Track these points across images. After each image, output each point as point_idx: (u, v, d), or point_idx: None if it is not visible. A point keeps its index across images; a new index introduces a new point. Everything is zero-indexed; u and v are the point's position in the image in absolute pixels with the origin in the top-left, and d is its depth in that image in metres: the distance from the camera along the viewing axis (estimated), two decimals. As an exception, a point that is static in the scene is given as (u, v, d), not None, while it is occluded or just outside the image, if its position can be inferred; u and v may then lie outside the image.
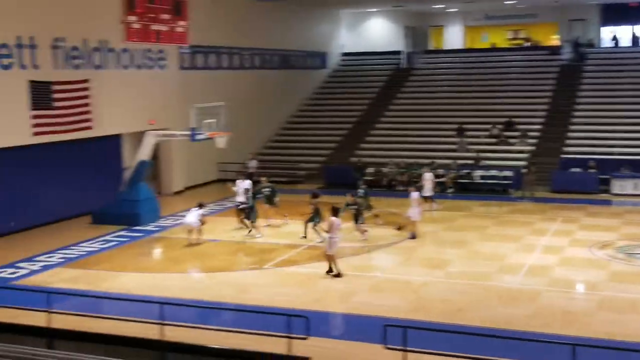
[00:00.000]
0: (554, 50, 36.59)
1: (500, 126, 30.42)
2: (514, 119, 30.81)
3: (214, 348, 10.88)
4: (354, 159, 29.56)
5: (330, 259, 15.47)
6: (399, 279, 15.40)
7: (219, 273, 16.21)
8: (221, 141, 21.48)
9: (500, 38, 43.23)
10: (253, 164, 26.02)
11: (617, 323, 12.42)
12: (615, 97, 31.33)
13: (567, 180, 26.23)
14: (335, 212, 15.86)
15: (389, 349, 10.04)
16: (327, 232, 15.83)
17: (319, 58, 38.26)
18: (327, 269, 15.50)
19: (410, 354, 9.87)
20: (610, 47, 38.07)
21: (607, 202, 24.36)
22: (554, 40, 40.55)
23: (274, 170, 30.34)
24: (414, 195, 19.17)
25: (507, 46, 42.10)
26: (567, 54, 37.57)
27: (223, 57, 30.27)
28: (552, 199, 24.82)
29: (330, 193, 24.02)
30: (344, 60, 40.35)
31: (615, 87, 32.08)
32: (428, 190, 22.64)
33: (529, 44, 41.71)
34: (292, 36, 35.32)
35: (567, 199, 24.54)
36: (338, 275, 15.38)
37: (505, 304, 13.64)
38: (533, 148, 29.35)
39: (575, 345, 9.18)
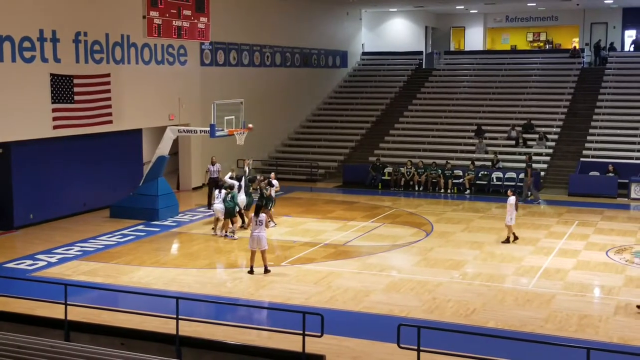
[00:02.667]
0: (575, 53, 36.36)
1: (519, 128, 30.31)
2: (533, 122, 30.68)
3: (228, 344, 10.97)
4: (372, 159, 29.61)
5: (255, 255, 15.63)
6: (415, 278, 15.45)
7: (236, 269, 16.33)
8: (241, 138, 21.60)
9: (521, 40, 43.01)
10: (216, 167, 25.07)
11: (632, 328, 12.38)
12: (636, 101, 31.10)
13: (585, 183, 26.09)
14: (257, 209, 15.91)
15: (402, 348, 10.08)
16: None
17: (340, 57, 38.30)
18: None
19: (423, 354, 9.91)
20: (632, 52, 37.73)
21: (625, 207, 24.22)
22: (575, 43, 40.30)
23: (293, 168, 30.54)
24: (511, 199, 18.57)
25: (527, 48, 41.90)
26: (587, 57, 37.37)
27: (244, 54, 30.43)
28: (569, 202, 24.71)
29: (347, 192, 24.12)
30: (364, 59, 40.37)
31: (636, 91, 31.83)
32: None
33: (549, 46, 41.45)
34: (312, 34, 35.40)
35: (584, 203, 24.43)
36: (251, 271, 15.60)
37: (520, 307, 13.64)
38: (551, 151, 29.24)
39: (590, 349, 9.16)
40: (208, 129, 21.13)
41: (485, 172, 27.19)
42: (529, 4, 37.93)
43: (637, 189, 25.15)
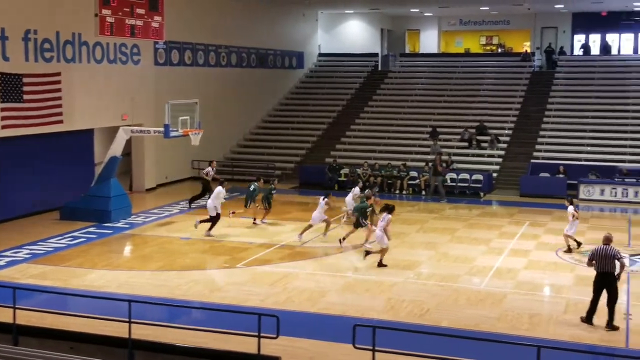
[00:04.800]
0: (526, 56, 37.09)
1: (472, 130, 30.74)
2: (485, 124, 31.16)
3: (182, 347, 10.87)
4: (329, 160, 29.67)
5: None
6: (370, 279, 15.51)
7: (191, 271, 16.17)
8: (195, 138, 21.41)
9: (474, 43, 43.65)
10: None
11: (582, 326, 12.63)
12: (585, 104, 31.85)
13: (535, 184, 26.61)
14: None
15: (358, 348, 10.11)
16: None
17: (296, 58, 38.29)
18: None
19: (379, 354, 9.96)
20: (580, 55, 38.64)
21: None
22: (527, 47, 41.07)
23: (249, 169, 30.40)
24: (570, 209, 18.28)
25: (480, 52, 42.53)
26: (538, 60, 38.15)
27: (199, 54, 30.18)
28: (520, 203, 25.15)
29: (304, 193, 24.13)
30: (320, 60, 40.44)
31: (584, 94, 32.62)
32: None
33: (502, 50, 42.15)
34: (269, 35, 35.31)
35: (535, 203, 24.89)
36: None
37: (473, 306, 13.81)
38: (503, 152, 29.74)
39: (540, 347, 9.33)
40: (162, 129, 20.89)
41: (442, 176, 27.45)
42: (481, 8, 38.52)
43: (585, 189, 25.74)
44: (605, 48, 39.00)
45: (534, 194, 26.03)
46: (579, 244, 18.09)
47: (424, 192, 26.74)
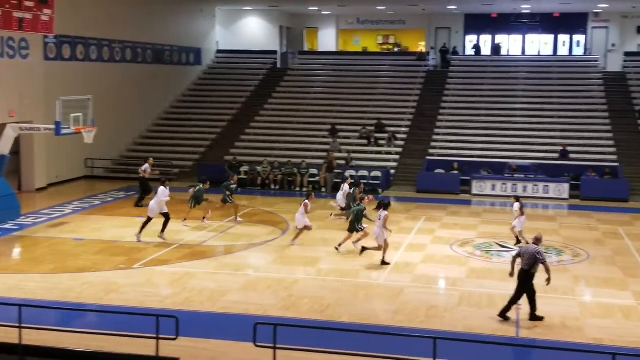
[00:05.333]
0: (421, 56, 38.10)
1: (370, 128, 31.30)
2: (383, 121, 31.79)
3: (78, 351, 10.51)
4: (228, 157, 29.43)
5: None
6: (271, 277, 15.51)
7: (85, 273, 15.64)
8: (89, 136, 20.74)
9: (372, 42, 44.41)
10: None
11: (475, 317, 13.13)
12: (477, 102, 33.09)
13: (431, 181, 27.40)
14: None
15: (259, 346, 10.10)
16: None
17: (194, 54, 37.75)
18: None
19: (280, 351, 9.98)
20: (472, 56, 40.07)
21: (467, 202, 25.68)
22: (422, 46, 42.20)
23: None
24: (516, 206, 18.69)
25: (378, 50, 43.32)
26: (433, 60, 39.29)
27: (91, 49, 29.23)
28: (417, 199, 25.83)
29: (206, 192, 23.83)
30: (219, 57, 40.05)
31: (476, 93, 33.88)
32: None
33: (398, 49, 43.12)
34: (165, 30, 34.63)
35: (431, 199, 25.63)
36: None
37: (372, 300, 14.07)
38: (400, 150, 30.46)
39: (436, 338, 9.63)
40: (53, 126, 20.09)
41: (340, 171, 27.82)
42: (378, 8, 39.24)
43: (478, 185, 26.74)
44: (495, 49, 40.64)
45: (429, 190, 26.79)
46: (518, 241, 18.50)
47: (324, 189, 27.00)
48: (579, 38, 40.71)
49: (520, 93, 33.47)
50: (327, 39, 43.71)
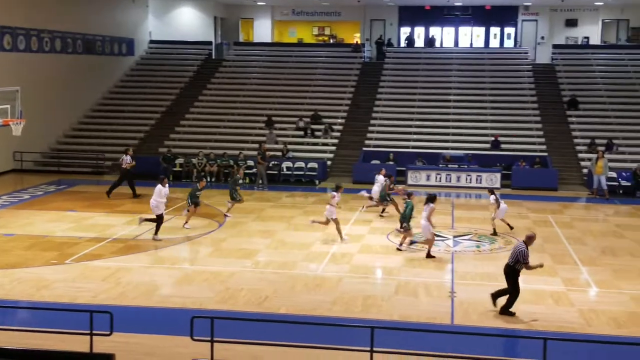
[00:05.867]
0: (357, 48, 38.31)
1: (306, 119, 31.32)
2: (319, 113, 31.86)
3: (7, 349, 10.17)
4: (163, 150, 28.99)
5: None
6: (208, 270, 15.37)
7: (15, 269, 15.16)
8: (17, 128, 20.10)
9: (307, 34, 44.40)
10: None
11: (411, 306, 13.32)
12: (411, 94, 33.50)
13: (367, 171, 27.52)
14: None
15: (196, 340, 10.00)
16: None
17: (126, 44, 36.96)
18: None
19: (217, 345, 9.91)
20: (407, 47, 40.52)
21: (403, 193, 25.95)
22: (357, 38, 42.42)
23: (77, 161, 29.06)
24: (492, 198, 19.12)
25: (313, 42, 43.33)
26: (368, 52, 39.56)
27: (19, 39, 28.27)
28: (354, 190, 25.97)
29: (137, 184, 23.42)
30: (152, 48, 39.33)
31: (411, 84, 34.29)
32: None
33: (334, 40, 43.24)
34: (96, 20, 33.78)
35: (367, 190, 25.76)
36: None
37: (309, 291, 14.11)
38: (336, 141, 30.59)
39: (374, 327, 9.72)
40: (-22, 118, 19.39)
41: (276, 162, 27.78)
42: (312, -1, 39.25)
43: (413, 175, 27.10)
44: (429, 41, 41.19)
45: (366, 181, 26.95)
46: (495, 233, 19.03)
47: (260, 181, 26.89)
48: (510, 30, 41.67)
49: (454, 84, 34.05)
50: (262, 30, 43.48)
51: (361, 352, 9.94)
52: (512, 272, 12.84)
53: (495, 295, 13.06)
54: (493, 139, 29.41)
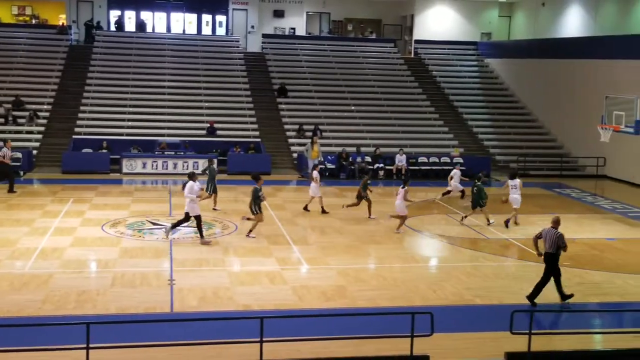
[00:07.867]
0: (62, 29, 36.11)
1: (8, 105, 28.83)
2: (22, 98, 29.50)
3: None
4: None
5: None
6: None
7: None
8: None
9: (6, 13, 40.71)
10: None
11: (128, 297, 12.92)
12: (124, 79, 32.50)
13: (78, 160, 26.35)
14: None
15: None
16: None
17: None
18: None
19: None
20: (117, 31, 39.12)
21: (118, 182, 25.17)
22: (62, 19, 39.94)
23: None
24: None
25: (13, 22, 39.88)
26: (75, 34, 37.47)
27: None
28: (63, 180, 24.57)
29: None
30: None
31: (123, 70, 33.25)
32: None
33: (36, 21, 40.22)
34: None
35: (79, 180, 24.59)
36: None
37: (16, 291, 13.01)
38: (43, 129, 28.61)
39: (90, 323, 9.22)
40: None
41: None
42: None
43: (128, 163, 26.35)
44: (140, 25, 40.19)
45: (77, 170, 25.69)
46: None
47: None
48: (221, 19, 42.32)
49: (167, 71, 33.72)
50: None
51: (77, 349, 9.32)
52: (554, 259, 13.09)
53: (559, 291, 13.22)
54: (208, 125, 29.72)
